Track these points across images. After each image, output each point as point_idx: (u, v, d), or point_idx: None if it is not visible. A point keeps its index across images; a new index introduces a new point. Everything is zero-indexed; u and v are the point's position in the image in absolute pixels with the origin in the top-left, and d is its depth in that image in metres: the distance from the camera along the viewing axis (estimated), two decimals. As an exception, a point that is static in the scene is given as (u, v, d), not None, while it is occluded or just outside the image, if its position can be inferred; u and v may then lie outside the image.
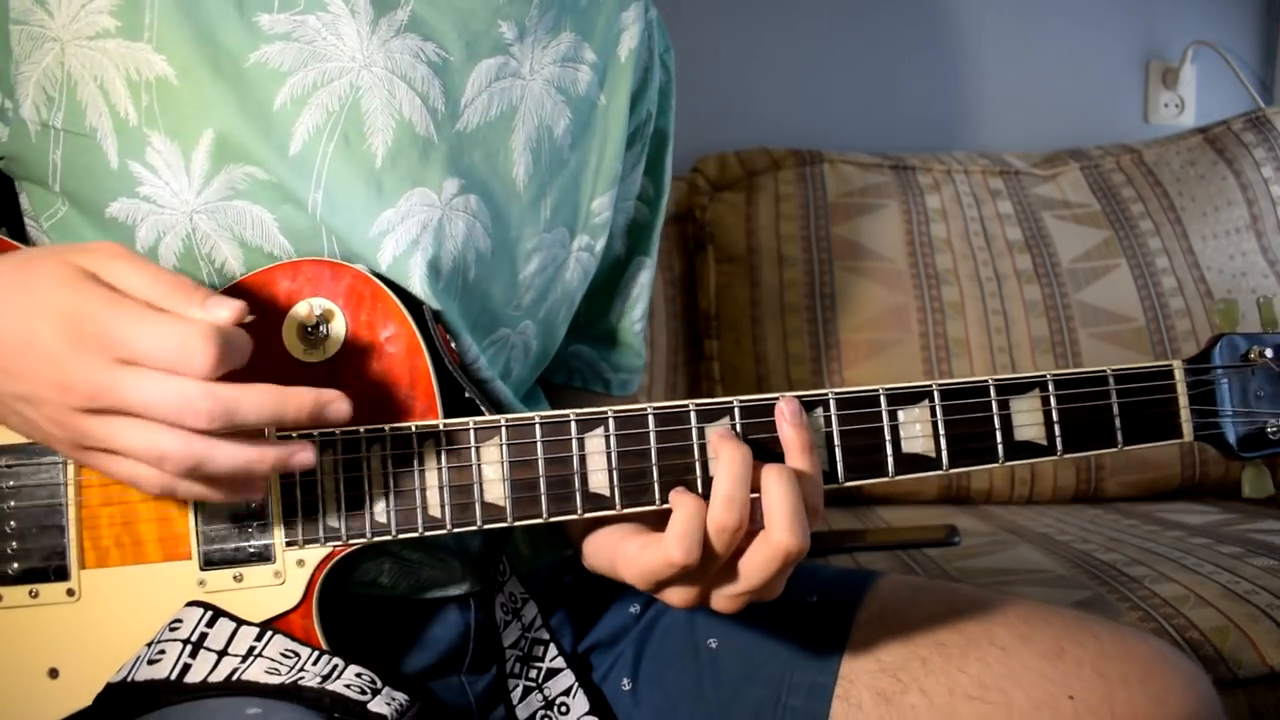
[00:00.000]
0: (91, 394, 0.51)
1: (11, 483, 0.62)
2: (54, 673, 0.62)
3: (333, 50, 0.66)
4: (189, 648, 0.59)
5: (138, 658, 0.59)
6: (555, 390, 0.90)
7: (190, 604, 0.61)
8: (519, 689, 0.73)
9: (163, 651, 0.59)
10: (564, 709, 0.73)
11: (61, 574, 0.62)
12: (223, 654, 0.59)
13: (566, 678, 0.73)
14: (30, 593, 0.62)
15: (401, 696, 0.59)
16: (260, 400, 0.52)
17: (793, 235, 1.58)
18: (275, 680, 0.58)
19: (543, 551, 0.80)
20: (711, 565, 0.60)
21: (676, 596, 0.62)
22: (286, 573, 0.62)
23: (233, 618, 0.61)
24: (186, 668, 0.58)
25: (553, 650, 0.74)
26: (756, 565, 0.59)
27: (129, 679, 0.58)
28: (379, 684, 0.59)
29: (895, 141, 1.78)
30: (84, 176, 0.65)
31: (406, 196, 0.67)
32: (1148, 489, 1.50)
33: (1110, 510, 1.43)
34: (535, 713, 0.73)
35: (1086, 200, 1.63)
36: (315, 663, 0.60)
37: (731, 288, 1.59)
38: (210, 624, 0.60)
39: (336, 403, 0.55)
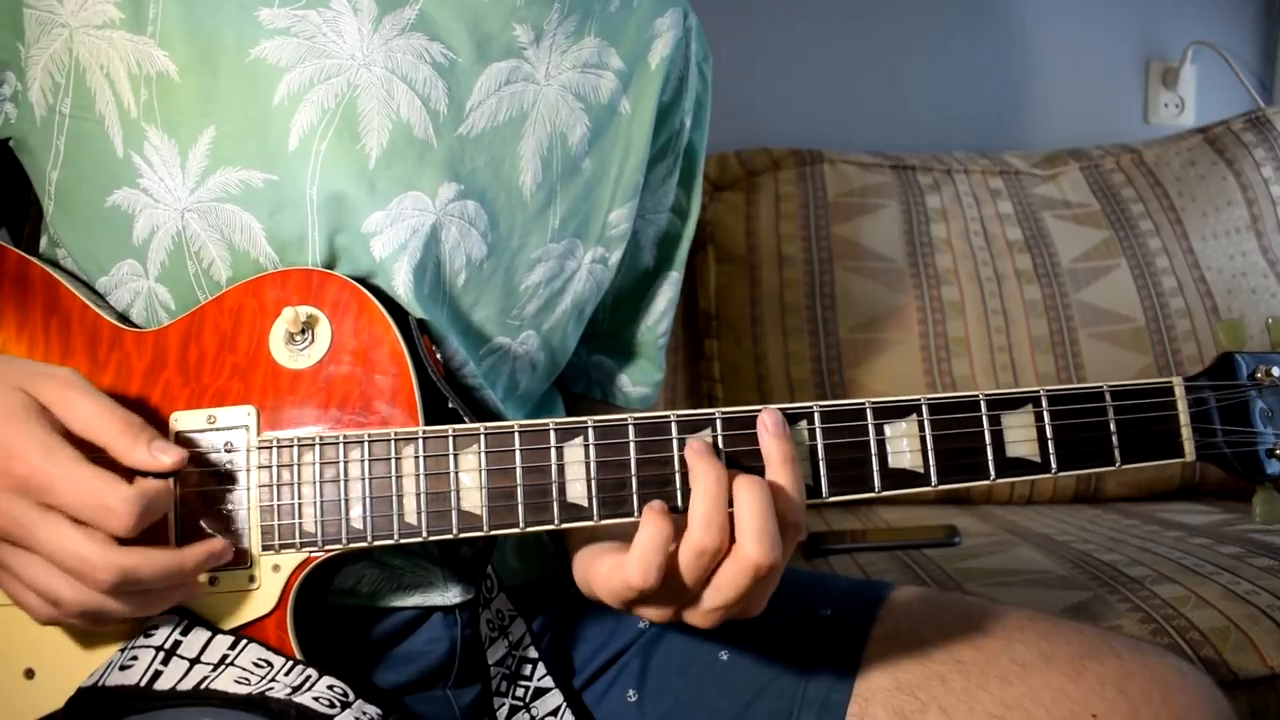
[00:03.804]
0: (5, 527, 0.55)
1: None
2: (30, 673, 0.62)
3: (332, 47, 0.65)
4: (161, 655, 0.59)
5: (110, 662, 0.59)
6: (575, 399, 0.90)
7: (166, 611, 0.60)
8: (505, 708, 0.72)
9: (135, 658, 0.59)
10: None
11: None
12: (195, 662, 0.59)
13: (555, 697, 0.72)
14: None
15: (374, 710, 0.58)
16: (162, 565, 0.57)
17: (793, 235, 1.58)
18: (243, 690, 0.57)
19: (533, 565, 0.79)
20: (690, 586, 0.58)
21: (652, 613, 0.61)
22: (261, 578, 0.61)
23: (208, 625, 0.60)
24: (157, 675, 0.58)
25: (541, 669, 0.73)
26: (728, 580, 0.58)
27: (100, 684, 0.58)
28: (351, 697, 0.59)
29: (895, 141, 1.78)
30: (88, 163, 0.66)
31: (399, 199, 0.66)
32: (1148, 489, 1.50)
33: (1110, 510, 1.42)
34: None
35: (1086, 200, 1.63)
36: (287, 673, 0.59)
37: (731, 288, 1.58)
38: (185, 632, 0.60)
39: (226, 553, 0.60)
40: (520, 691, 0.73)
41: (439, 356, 0.67)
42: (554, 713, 0.72)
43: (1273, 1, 1.91)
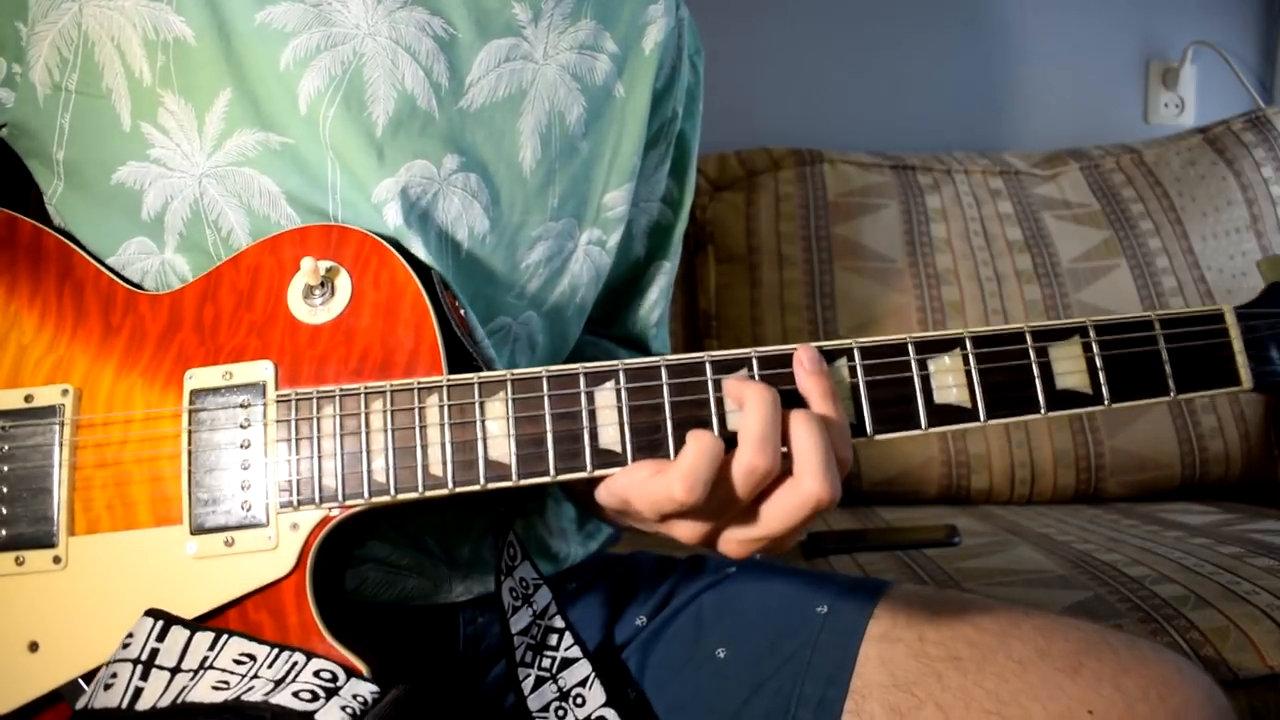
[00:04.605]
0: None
1: (6, 446, 0.61)
2: (34, 646, 0.59)
3: (337, 15, 0.65)
4: (139, 669, 0.56)
5: (98, 681, 0.57)
6: None
7: (146, 614, 0.58)
8: (530, 679, 0.69)
9: (115, 675, 0.56)
10: (580, 700, 0.69)
11: (49, 540, 0.60)
12: (175, 671, 0.56)
13: (583, 668, 0.70)
14: (16, 560, 0.59)
15: (366, 690, 0.56)
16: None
17: (793, 235, 1.58)
18: (220, 696, 0.55)
19: (536, 562, 0.78)
20: (732, 506, 0.57)
21: (685, 531, 0.59)
22: (279, 537, 0.59)
23: (185, 624, 0.58)
24: (138, 692, 0.55)
25: (568, 639, 0.71)
26: (781, 512, 0.57)
27: (89, 706, 0.56)
28: (340, 681, 0.56)
29: (895, 141, 1.78)
30: (93, 140, 0.65)
31: (407, 167, 0.66)
32: (1148, 489, 1.50)
33: (1110, 510, 1.42)
34: (550, 704, 0.69)
35: (1086, 200, 1.63)
36: (270, 665, 0.56)
37: (731, 288, 1.58)
38: (161, 637, 0.57)
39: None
40: (546, 662, 0.71)
41: (463, 314, 0.66)
42: (582, 683, 0.70)
43: (1273, 1, 1.92)
